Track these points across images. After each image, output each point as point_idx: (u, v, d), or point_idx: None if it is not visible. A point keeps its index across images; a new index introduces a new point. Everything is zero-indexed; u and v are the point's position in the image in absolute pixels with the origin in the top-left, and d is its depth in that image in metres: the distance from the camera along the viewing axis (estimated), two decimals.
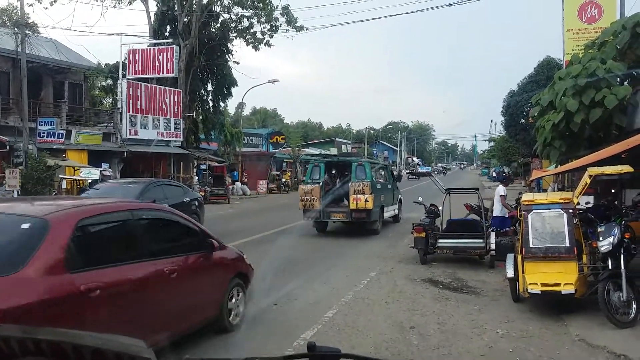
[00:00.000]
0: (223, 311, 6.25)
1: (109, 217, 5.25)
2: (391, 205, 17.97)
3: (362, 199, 14.98)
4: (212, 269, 6.23)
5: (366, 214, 15.19)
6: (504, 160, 61.42)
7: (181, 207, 14.33)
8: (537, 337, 6.44)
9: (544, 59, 36.91)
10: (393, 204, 18.29)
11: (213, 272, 6.26)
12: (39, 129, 22.48)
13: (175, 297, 5.44)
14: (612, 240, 7.03)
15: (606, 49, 12.69)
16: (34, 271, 4.04)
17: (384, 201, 16.80)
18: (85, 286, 4.30)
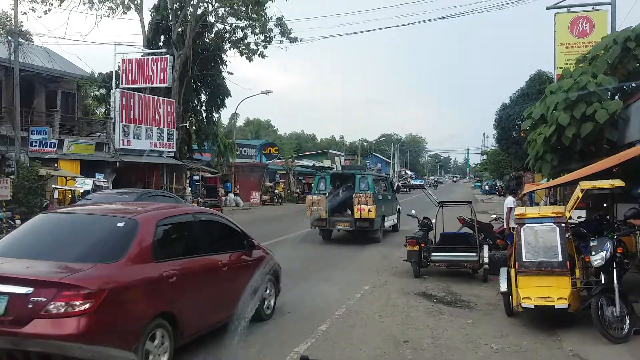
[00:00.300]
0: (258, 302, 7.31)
1: (178, 219, 6.49)
2: (391, 215, 18.98)
3: (365, 209, 16.11)
4: (252, 264, 7.33)
5: (369, 223, 16.31)
6: (496, 174, 61.64)
7: None
8: (531, 351, 6.44)
9: (536, 72, 37.21)
10: (393, 213, 19.32)
11: (253, 268, 7.30)
12: (31, 138, 22.36)
13: (226, 286, 6.58)
14: (604, 255, 7.05)
15: (597, 63, 12.81)
16: (131, 260, 5.20)
17: (384, 211, 17.77)
18: (166, 273, 5.48)
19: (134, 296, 5.14)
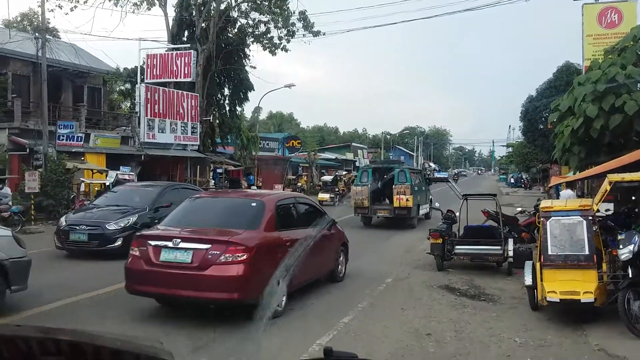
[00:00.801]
0: (338, 269, 9.79)
1: (287, 201, 8.91)
2: (424, 204, 20.93)
3: (403, 199, 18.31)
4: (333, 237, 9.65)
5: (407, 211, 18.59)
6: (522, 166, 60.86)
7: None
8: (556, 346, 6.36)
9: (564, 64, 36.62)
10: (426, 203, 21.24)
11: (333, 239, 9.66)
12: (59, 132, 22.75)
13: (317, 253, 8.64)
14: (632, 249, 6.92)
15: (626, 54, 12.56)
16: (264, 228, 7.47)
17: (419, 200, 19.89)
18: (284, 239, 7.69)
19: (269, 252, 7.15)
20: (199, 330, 6.66)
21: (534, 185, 52.67)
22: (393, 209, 18.67)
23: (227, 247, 6.80)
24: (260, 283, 6.16)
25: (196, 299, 7.03)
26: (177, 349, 5.72)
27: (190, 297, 7.00)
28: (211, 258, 6.73)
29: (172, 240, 7.06)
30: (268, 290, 5.91)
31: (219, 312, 7.52)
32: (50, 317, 7.15)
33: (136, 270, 7.17)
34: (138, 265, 7.14)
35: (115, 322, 6.97)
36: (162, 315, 7.41)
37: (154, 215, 12.12)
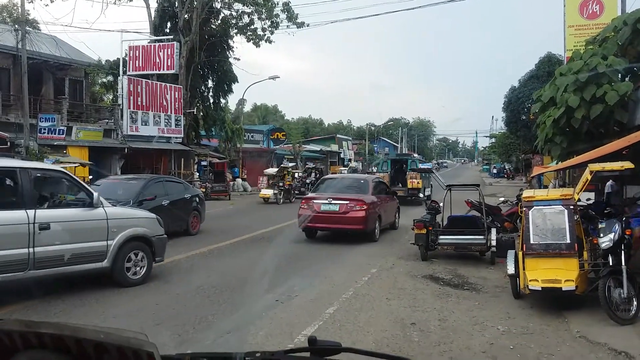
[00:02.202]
0: (395, 221, 16.46)
1: (377, 179, 16.20)
2: (428, 188, 27.00)
3: (415, 182, 25.75)
4: (394, 202, 16.58)
5: (417, 191, 25.52)
6: (504, 157, 61.36)
7: (181, 203, 14.44)
8: (538, 333, 6.45)
9: (545, 55, 36.92)
10: (428, 187, 27.16)
11: (394, 204, 16.38)
12: (40, 125, 22.48)
13: (389, 209, 15.57)
14: (612, 237, 7.03)
15: (607, 45, 12.68)
16: (370, 194, 14.05)
17: (425, 184, 26.46)
18: (378, 200, 14.38)
19: (373, 206, 13.66)
20: (184, 322, 6.65)
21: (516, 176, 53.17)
22: (407, 189, 25.36)
23: (356, 203, 13.36)
24: (371, 222, 13.72)
25: (340, 229, 13.72)
26: (162, 341, 5.72)
27: (337, 228, 13.82)
28: (349, 208, 13.33)
29: (328, 199, 13.63)
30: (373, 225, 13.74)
31: (203, 306, 7.52)
32: (33, 311, 7.09)
33: (306, 216, 13.58)
34: (307, 213, 13.61)
35: (101, 315, 6.94)
36: (147, 308, 7.39)
37: None
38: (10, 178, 7.54)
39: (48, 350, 1.18)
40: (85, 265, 8.06)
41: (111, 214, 8.40)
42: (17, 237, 7.10)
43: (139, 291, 8.27)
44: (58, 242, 7.57)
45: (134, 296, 7.99)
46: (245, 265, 10.51)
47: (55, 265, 7.63)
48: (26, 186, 7.41)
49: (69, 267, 7.83)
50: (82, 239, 7.94)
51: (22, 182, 7.38)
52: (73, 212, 8.03)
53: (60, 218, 7.73)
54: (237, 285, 8.68)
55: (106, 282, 8.52)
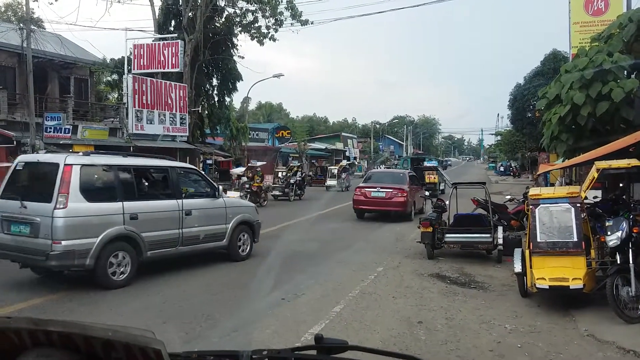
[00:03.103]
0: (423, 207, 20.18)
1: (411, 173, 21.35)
2: (442, 183, 29.80)
3: (432, 177, 29.16)
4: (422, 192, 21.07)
5: (434, 185, 27.89)
6: (510, 154, 61.19)
7: None
8: (546, 332, 6.43)
9: (551, 52, 36.77)
10: (443, 182, 29.77)
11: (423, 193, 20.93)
12: (46, 124, 22.54)
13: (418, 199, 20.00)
14: (620, 235, 6.98)
15: (613, 41, 12.61)
16: (407, 184, 18.34)
17: (440, 180, 30.02)
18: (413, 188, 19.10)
19: (410, 193, 18.24)
20: (190, 320, 6.66)
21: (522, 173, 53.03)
22: (425, 184, 26.23)
23: (398, 190, 17.71)
24: (409, 205, 18.08)
25: (386, 210, 17.78)
26: (169, 339, 5.72)
27: (384, 210, 17.87)
28: (393, 194, 17.67)
29: (376, 188, 17.98)
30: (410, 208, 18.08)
31: (210, 303, 7.53)
32: (40, 309, 7.11)
33: (359, 200, 18.21)
34: (360, 198, 18.17)
35: (108, 313, 6.96)
36: (154, 306, 7.40)
37: None
38: (165, 174, 9.77)
39: (56, 348, 1.17)
40: (212, 244, 10.26)
41: (228, 203, 10.78)
42: (172, 220, 9.25)
43: (145, 290, 8.28)
44: (197, 225, 9.72)
45: (140, 294, 8.00)
46: (251, 264, 10.51)
47: (194, 243, 9.78)
48: (175, 181, 9.66)
49: (202, 245, 10.02)
50: (211, 222, 10.09)
51: (172, 177, 9.63)
52: (204, 201, 10.17)
53: (197, 206, 9.87)
54: (244, 284, 8.69)
55: None
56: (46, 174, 8.34)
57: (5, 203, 8.33)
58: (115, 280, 8.24)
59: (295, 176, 29.12)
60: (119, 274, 8.30)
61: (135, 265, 8.55)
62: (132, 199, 8.70)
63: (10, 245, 8.12)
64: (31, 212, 7.97)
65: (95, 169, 8.61)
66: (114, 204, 8.40)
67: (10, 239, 8.13)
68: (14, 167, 8.82)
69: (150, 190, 9.61)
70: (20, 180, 8.81)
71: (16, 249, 8.09)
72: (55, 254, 7.65)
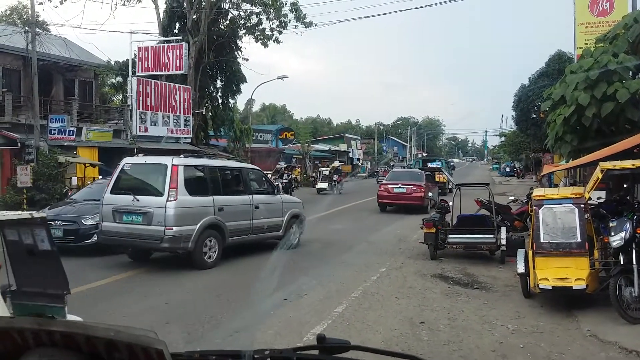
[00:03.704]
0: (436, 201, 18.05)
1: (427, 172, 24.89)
2: (450, 181, 31.29)
3: (442, 177, 30.29)
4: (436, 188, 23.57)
5: (444, 183, 29.51)
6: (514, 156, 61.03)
7: None
8: (548, 332, 6.42)
9: (555, 52, 36.69)
10: (450, 181, 31.53)
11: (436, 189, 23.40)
12: (50, 126, 22.59)
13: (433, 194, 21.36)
14: (624, 236, 6.96)
15: (618, 42, 12.58)
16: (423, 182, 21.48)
17: (449, 179, 32.12)
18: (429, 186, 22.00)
19: (426, 189, 20.85)
20: (193, 321, 6.68)
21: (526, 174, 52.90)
22: (436, 182, 27.39)
23: (417, 187, 20.81)
24: (426, 199, 20.41)
25: (406, 204, 20.59)
26: (171, 340, 5.74)
27: (404, 203, 20.77)
28: (412, 190, 20.76)
29: (398, 184, 21.10)
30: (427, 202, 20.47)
31: (212, 304, 7.55)
32: None
33: (383, 195, 21.30)
34: (384, 193, 21.25)
35: (111, 313, 6.99)
36: (157, 307, 7.43)
37: None
38: (239, 174, 11.62)
39: (59, 348, 1.18)
40: (272, 234, 11.94)
41: (283, 199, 12.72)
42: (246, 213, 11.00)
43: (148, 290, 8.31)
44: (262, 217, 11.45)
45: (143, 295, 8.04)
46: (254, 264, 10.53)
47: (260, 233, 11.53)
48: (246, 179, 11.63)
49: (265, 234, 11.77)
50: (272, 215, 11.83)
51: (244, 176, 11.62)
52: (267, 197, 11.92)
53: (262, 201, 11.58)
54: (246, 284, 8.70)
55: (113, 282, 8.57)
56: (154, 173, 10.11)
57: (116, 197, 9.93)
58: (208, 261, 9.94)
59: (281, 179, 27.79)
60: (210, 257, 9.99)
61: (220, 249, 10.24)
62: (219, 193, 10.45)
63: (123, 233, 9.73)
64: (143, 204, 9.59)
65: (193, 168, 10.44)
66: (207, 197, 10.15)
67: (123, 227, 9.71)
68: (121, 167, 10.47)
69: (230, 187, 11.24)
70: (128, 178, 10.38)
71: (130, 236, 9.69)
72: (167, 238, 9.33)
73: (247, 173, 11.96)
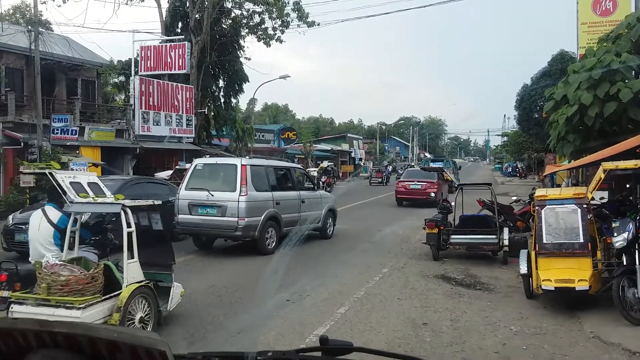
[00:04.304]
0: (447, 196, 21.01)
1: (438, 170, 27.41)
2: (457, 179, 32.86)
3: (449, 176, 30.81)
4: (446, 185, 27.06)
5: (451, 181, 30.20)
6: (517, 155, 60.93)
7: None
8: (551, 333, 6.40)
9: (558, 52, 36.51)
10: (458, 179, 33.24)
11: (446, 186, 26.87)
12: (53, 125, 22.63)
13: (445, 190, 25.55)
14: (626, 236, 6.94)
15: (621, 42, 12.55)
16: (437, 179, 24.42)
17: (456, 177, 34.79)
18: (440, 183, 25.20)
19: (439, 186, 24.19)
20: (196, 322, 6.68)
21: (529, 174, 52.81)
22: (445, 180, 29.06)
23: (430, 184, 23.59)
24: (439, 195, 22.72)
25: (421, 199, 22.84)
26: (174, 341, 5.75)
27: (419, 198, 23.12)
28: (426, 186, 23.49)
29: (414, 181, 23.97)
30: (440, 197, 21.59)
31: (214, 305, 7.55)
32: None
33: (400, 191, 24.26)
34: (401, 189, 24.21)
35: None
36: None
37: None
38: (289, 172, 13.36)
39: (61, 349, 1.18)
40: (313, 225, 13.61)
41: (321, 194, 14.46)
42: (295, 206, 12.83)
43: None
44: (307, 210, 13.15)
45: None
46: (256, 265, 10.53)
47: (305, 224, 13.06)
48: (294, 177, 13.45)
49: (309, 225, 13.35)
50: (314, 209, 13.50)
51: (292, 174, 13.41)
52: (309, 193, 13.71)
53: (307, 196, 13.37)
54: (249, 285, 8.70)
55: None
56: (226, 171, 11.74)
57: (191, 193, 11.54)
58: (269, 248, 11.59)
59: None
60: (270, 244, 11.65)
61: (277, 238, 11.90)
62: (276, 189, 12.24)
63: (198, 223, 11.38)
64: (217, 198, 11.22)
65: (257, 168, 12.01)
66: (268, 193, 11.86)
67: (198, 219, 11.34)
68: (194, 167, 12.13)
69: (283, 183, 12.86)
70: (201, 177, 11.87)
71: (206, 226, 11.32)
72: (240, 227, 10.98)
73: (294, 171, 13.75)
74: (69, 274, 5.49)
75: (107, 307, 5.58)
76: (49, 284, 5.39)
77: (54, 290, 5.40)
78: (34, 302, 5.49)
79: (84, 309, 5.32)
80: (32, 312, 5.39)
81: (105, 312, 5.56)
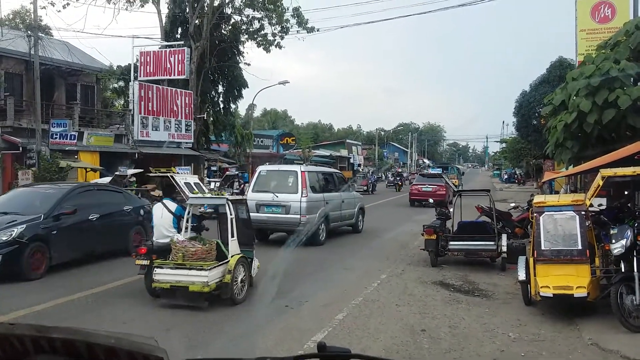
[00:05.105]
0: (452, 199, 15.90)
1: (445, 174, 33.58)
2: (461, 185, 35.68)
3: (453, 180, 33.83)
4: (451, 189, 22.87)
5: (456, 187, 29.80)
6: (515, 162, 60.98)
7: (118, 216, 11.87)
8: (549, 340, 6.39)
9: (557, 59, 36.59)
10: (462, 184, 37.23)
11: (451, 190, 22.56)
12: (52, 130, 22.65)
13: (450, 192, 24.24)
14: (625, 243, 6.94)
15: (619, 49, 12.58)
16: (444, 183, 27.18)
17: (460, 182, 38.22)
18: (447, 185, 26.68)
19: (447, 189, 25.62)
20: (194, 328, 6.67)
21: (527, 181, 52.87)
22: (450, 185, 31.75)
23: (440, 186, 27.05)
24: (447, 196, 24.30)
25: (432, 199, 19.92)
26: (172, 347, 5.72)
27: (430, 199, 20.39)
28: (436, 189, 26.93)
29: (425, 185, 27.92)
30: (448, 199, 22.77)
31: (213, 310, 7.53)
32: (44, 316, 7.14)
33: (414, 193, 27.84)
34: (415, 192, 27.85)
35: (111, 320, 6.97)
36: (157, 313, 7.42)
37: (52, 225, 9.93)
38: (332, 176, 15.91)
39: (59, 355, 1.18)
40: (349, 221, 16.02)
41: (355, 195, 17.10)
42: (338, 205, 15.04)
43: (148, 297, 8.29)
44: (346, 208, 15.58)
45: (144, 302, 8.01)
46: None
47: (344, 220, 15.62)
48: (336, 180, 15.85)
49: (346, 222, 15.85)
50: (350, 207, 15.94)
51: (334, 178, 15.92)
52: (347, 193, 15.98)
53: (345, 196, 15.63)
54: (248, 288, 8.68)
55: (115, 287, 8.56)
56: (288, 177, 14.11)
57: (257, 195, 13.86)
58: (320, 240, 13.78)
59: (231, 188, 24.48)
60: (322, 237, 13.90)
61: (326, 232, 14.17)
62: (324, 191, 14.65)
63: (265, 220, 13.64)
64: (282, 199, 13.56)
65: (312, 173, 14.59)
66: (320, 194, 14.27)
67: (265, 216, 13.63)
68: (259, 173, 14.65)
69: (329, 186, 15.22)
70: (265, 181, 14.26)
71: (271, 223, 13.82)
72: (302, 223, 13.20)
73: (336, 175, 16.46)
74: (195, 248, 7.63)
75: (221, 270, 7.51)
76: (183, 254, 7.49)
77: (187, 258, 7.48)
78: (173, 266, 7.47)
79: (209, 270, 7.27)
80: (171, 273, 7.43)
81: (220, 275, 7.46)
